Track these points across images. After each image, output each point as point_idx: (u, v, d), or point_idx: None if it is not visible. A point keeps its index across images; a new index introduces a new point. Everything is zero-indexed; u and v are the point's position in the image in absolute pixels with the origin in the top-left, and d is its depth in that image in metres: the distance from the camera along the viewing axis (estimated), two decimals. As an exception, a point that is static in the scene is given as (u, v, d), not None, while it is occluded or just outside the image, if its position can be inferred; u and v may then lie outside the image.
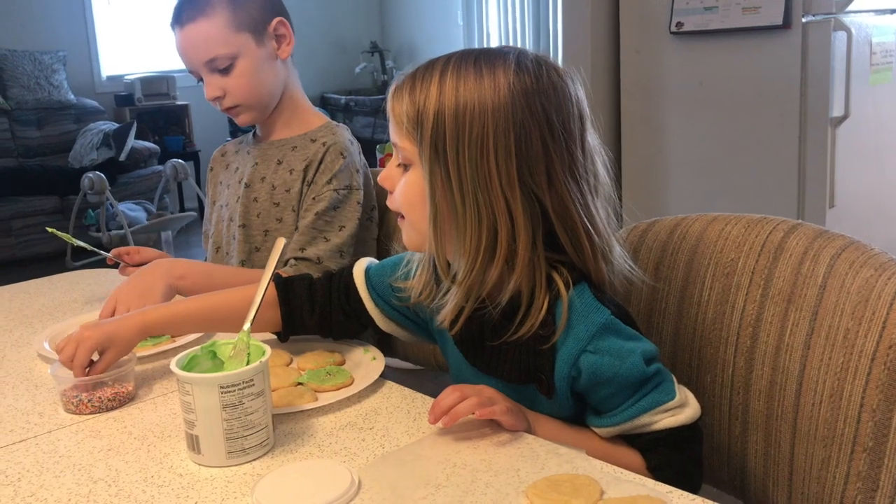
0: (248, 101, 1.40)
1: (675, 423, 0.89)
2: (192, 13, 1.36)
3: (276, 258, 1.04)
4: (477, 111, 0.85)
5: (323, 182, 1.38)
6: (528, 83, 0.86)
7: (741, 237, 1.01)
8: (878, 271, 0.87)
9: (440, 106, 0.86)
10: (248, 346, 0.90)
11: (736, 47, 2.82)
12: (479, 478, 0.78)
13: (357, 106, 6.17)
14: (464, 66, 0.87)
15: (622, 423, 0.89)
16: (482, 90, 0.85)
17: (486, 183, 0.85)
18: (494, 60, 0.87)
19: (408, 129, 0.88)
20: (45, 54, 5.31)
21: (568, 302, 0.87)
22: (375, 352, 1.10)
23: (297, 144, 1.44)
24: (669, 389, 0.89)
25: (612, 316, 0.88)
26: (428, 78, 0.88)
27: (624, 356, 0.87)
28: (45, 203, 4.77)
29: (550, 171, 0.87)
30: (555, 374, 0.89)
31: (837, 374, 0.88)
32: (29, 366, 1.14)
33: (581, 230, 0.88)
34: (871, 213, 2.96)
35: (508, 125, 0.85)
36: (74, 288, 1.52)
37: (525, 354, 0.91)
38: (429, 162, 0.87)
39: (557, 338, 0.87)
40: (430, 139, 0.87)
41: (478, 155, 0.85)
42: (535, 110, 0.86)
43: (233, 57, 1.36)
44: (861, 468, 0.85)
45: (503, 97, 0.85)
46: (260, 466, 0.84)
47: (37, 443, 0.91)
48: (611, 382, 0.87)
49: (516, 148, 0.85)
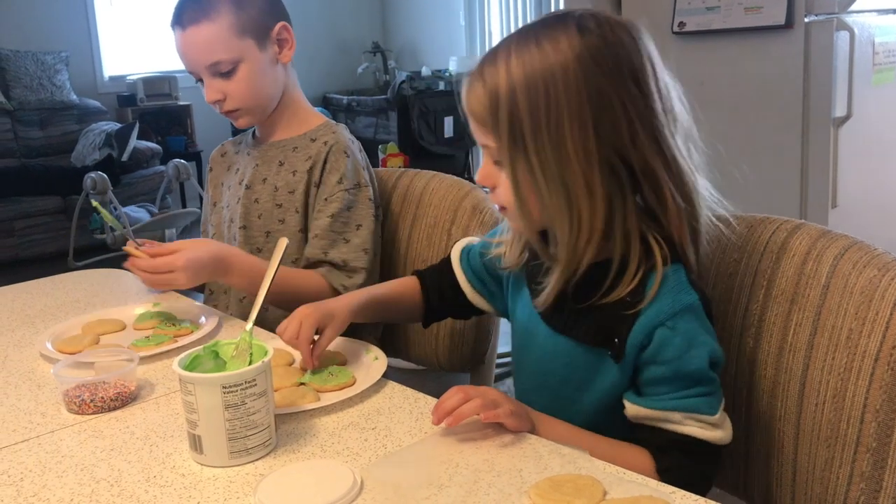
0: (248, 104, 1.40)
1: (700, 435, 0.87)
2: (195, 15, 1.34)
3: (279, 258, 1.05)
4: (545, 81, 0.85)
5: (333, 182, 1.37)
6: (594, 43, 0.87)
7: (744, 237, 1.01)
8: (881, 271, 0.87)
9: (510, 84, 0.87)
10: (251, 346, 0.90)
11: (738, 47, 2.82)
12: (481, 478, 0.78)
13: (359, 106, 6.17)
14: (524, 40, 0.88)
15: (656, 410, 0.88)
16: (546, 59, 0.86)
17: (566, 164, 0.86)
18: (554, 28, 0.88)
19: (486, 122, 0.90)
20: (48, 55, 5.31)
21: (662, 276, 0.88)
22: (378, 352, 1.09)
23: (298, 145, 1.44)
24: (714, 405, 0.89)
25: (699, 301, 0.89)
26: (493, 62, 0.89)
27: (693, 345, 0.87)
28: (47, 203, 4.77)
29: (632, 131, 0.87)
30: (628, 340, 0.89)
31: (841, 375, 0.88)
32: (31, 366, 1.15)
33: (667, 191, 0.88)
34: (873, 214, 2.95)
35: (581, 91, 0.85)
36: (77, 288, 1.52)
37: (607, 318, 0.90)
38: (509, 152, 0.88)
39: (644, 305, 0.88)
40: (507, 124, 0.87)
41: (555, 134, 0.85)
42: (605, 70, 0.86)
43: (235, 61, 1.35)
44: (864, 469, 0.85)
45: (570, 62, 0.85)
46: (262, 466, 0.84)
47: (39, 443, 0.91)
48: (669, 364, 0.87)
49: (594, 115, 0.85)
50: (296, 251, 1.39)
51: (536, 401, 0.96)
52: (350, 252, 1.35)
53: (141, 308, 1.33)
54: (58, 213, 4.78)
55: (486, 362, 1.45)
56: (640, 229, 0.90)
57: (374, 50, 6.74)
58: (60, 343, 1.18)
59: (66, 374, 1.04)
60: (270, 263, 1.05)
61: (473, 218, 1.38)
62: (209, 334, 1.21)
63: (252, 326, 0.95)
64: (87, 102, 5.48)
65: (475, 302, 1.15)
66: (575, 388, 0.95)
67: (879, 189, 3.01)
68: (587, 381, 0.94)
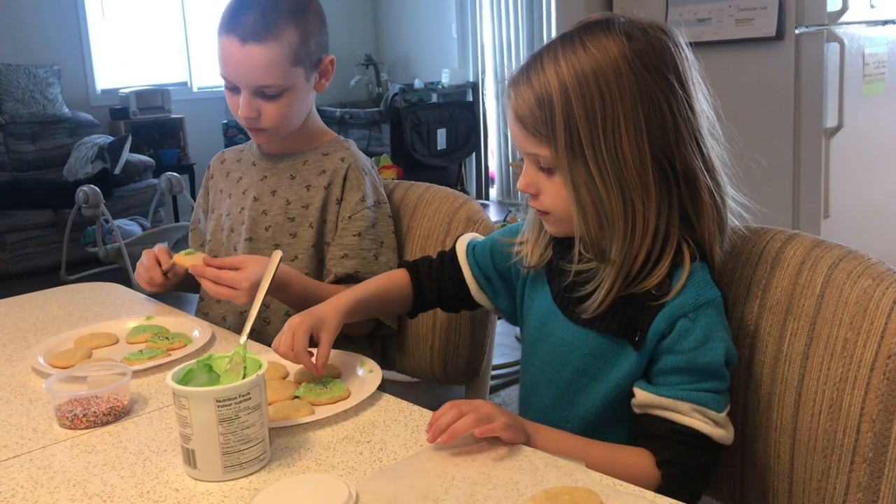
0: (278, 128, 1.37)
1: (704, 429, 0.89)
2: (261, 31, 1.28)
3: (273, 271, 1.04)
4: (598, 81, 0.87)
5: (356, 200, 1.37)
6: (642, 47, 0.89)
7: (738, 247, 1.01)
8: (875, 281, 0.87)
9: (562, 86, 0.88)
10: (245, 359, 0.90)
11: (730, 59, 2.84)
12: (477, 491, 0.77)
13: (352, 118, 6.18)
14: (570, 44, 0.90)
15: (665, 397, 0.89)
16: (596, 60, 0.87)
17: (623, 166, 0.88)
18: (598, 32, 0.90)
19: (538, 128, 0.90)
20: (40, 68, 5.31)
21: (689, 271, 0.90)
22: (372, 364, 1.09)
23: (309, 159, 1.43)
24: (722, 403, 0.90)
25: (721, 299, 0.92)
26: (539, 66, 0.90)
27: (711, 339, 0.89)
28: (39, 217, 4.75)
29: (677, 133, 0.90)
30: (651, 328, 0.91)
31: (836, 385, 0.88)
32: (23, 380, 1.14)
33: (704, 191, 0.91)
34: (865, 224, 2.96)
35: (633, 93, 0.87)
36: (69, 302, 1.52)
37: (632, 309, 0.92)
38: (567, 158, 0.89)
39: (670, 297, 0.90)
40: (563, 128, 0.88)
41: (612, 136, 0.87)
42: (653, 73, 0.88)
43: (284, 88, 1.33)
44: (861, 479, 0.85)
45: (620, 64, 0.87)
46: (256, 481, 0.83)
47: (31, 458, 0.90)
48: (685, 354, 0.89)
49: (645, 116, 0.88)
50: (307, 266, 1.37)
51: (546, 392, 0.99)
52: (381, 269, 1.34)
53: (134, 322, 1.32)
54: (50, 227, 4.77)
55: (482, 374, 1.44)
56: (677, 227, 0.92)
57: (367, 62, 6.76)
58: (53, 357, 1.18)
59: (59, 388, 1.03)
60: (266, 275, 1.05)
61: (468, 229, 1.38)
62: (203, 348, 1.20)
63: (246, 340, 0.95)
64: (79, 116, 5.47)
65: (478, 298, 1.15)
66: (591, 379, 0.97)
67: (871, 199, 3.03)
68: (604, 371, 0.95)
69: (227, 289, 1.21)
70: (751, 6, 2.73)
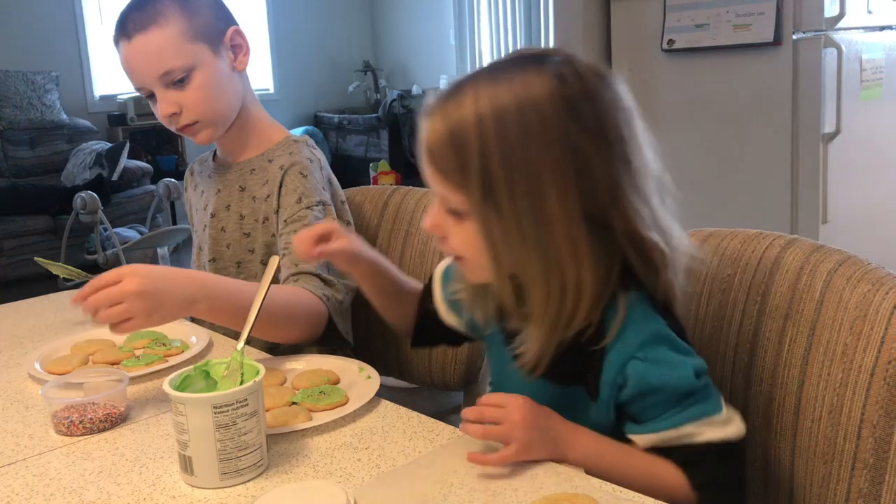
0: (206, 115, 1.31)
1: (719, 436, 0.84)
2: (141, 22, 1.26)
3: (270, 277, 1.03)
4: (519, 120, 0.77)
5: (292, 203, 1.30)
6: (572, 95, 0.79)
7: (737, 253, 1.01)
8: (875, 286, 0.87)
9: (478, 119, 0.78)
10: (242, 365, 0.89)
11: (727, 64, 2.84)
12: (476, 497, 0.77)
13: (350, 125, 6.18)
14: (494, 75, 0.81)
15: (666, 431, 0.84)
16: (518, 97, 0.78)
17: (547, 224, 0.79)
18: (527, 69, 0.80)
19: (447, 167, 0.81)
20: (38, 74, 5.31)
21: (625, 308, 0.83)
22: (370, 370, 1.09)
23: (256, 166, 1.37)
24: (716, 403, 0.85)
25: (666, 327, 0.84)
26: (457, 96, 0.81)
27: (675, 366, 0.83)
28: (37, 223, 4.75)
29: (613, 188, 0.80)
30: (601, 378, 0.85)
31: (836, 390, 0.88)
32: (19, 387, 1.13)
33: (652, 248, 0.82)
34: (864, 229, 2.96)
35: (558, 144, 0.78)
36: (66, 308, 1.51)
37: (575, 355, 0.85)
38: (479, 206, 0.80)
39: (608, 341, 0.83)
40: (477, 170, 0.78)
41: (535, 185, 0.78)
42: (584, 126, 0.79)
43: (189, 69, 1.27)
44: (862, 485, 0.84)
45: (546, 108, 0.78)
46: (254, 487, 0.82)
47: (27, 465, 0.90)
48: (658, 392, 0.83)
49: (575, 175, 0.78)
50: None
51: None
52: (321, 266, 1.26)
53: (131, 328, 1.31)
54: (48, 233, 4.76)
55: (480, 380, 1.44)
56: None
57: (365, 69, 6.77)
58: (49, 364, 1.17)
59: (55, 395, 1.02)
60: (262, 281, 1.04)
61: (466, 235, 1.38)
62: (200, 354, 1.20)
63: (243, 346, 0.94)
64: (77, 122, 5.47)
65: (448, 319, 1.07)
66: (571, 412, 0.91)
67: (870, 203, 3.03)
68: (576, 412, 0.89)
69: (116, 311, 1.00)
70: (748, 12, 2.74)
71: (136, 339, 1.26)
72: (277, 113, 3.41)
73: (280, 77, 6.56)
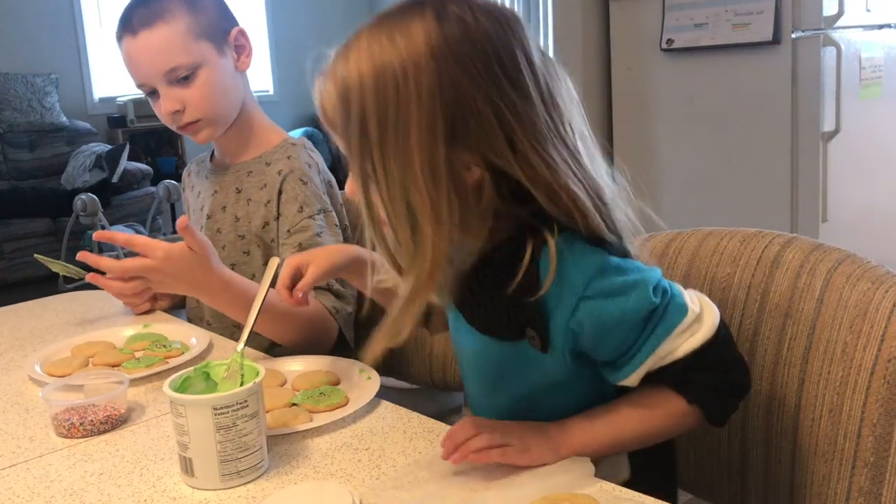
0: (209, 114, 1.31)
1: (696, 343, 0.80)
2: (148, 18, 1.26)
3: (270, 278, 1.03)
4: (395, 78, 0.74)
5: (293, 212, 1.30)
6: (453, 33, 0.75)
7: (737, 252, 1.01)
8: (874, 284, 0.87)
9: (360, 81, 0.75)
10: (242, 367, 0.89)
11: (726, 63, 2.84)
12: (477, 497, 0.77)
13: (350, 125, 6.17)
14: (377, 30, 0.77)
15: (643, 362, 0.80)
16: (398, 53, 0.74)
17: (412, 182, 0.75)
18: (409, 15, 0.76)
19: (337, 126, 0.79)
20: (38, 77, 5.31)
21: (556, 250, 0.77)
22: (370, 371, 1.09)
23: (253, 169, 1.37)
24: (679, 305, 0.80)
25: (607, 255, 0.79)
26: (345, 56, 0.78)
27: (629, 289, 0.78)
28: (37, 225, 4.75)
29: (510, 136, 0.75)
30: (550, 327, 0.80)
31: (837, 389, 0.88)
32: (20, 389, 1.13)
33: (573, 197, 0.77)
34: (864, 227, 2.97)
35: (434, 93, 0.73)
36: (66, 310, 1.51)
37: (515, 308, 0.81)
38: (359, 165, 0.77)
39: (545, 289, 0.78)
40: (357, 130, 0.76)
41: (403, 144, 0.74)
42: (466, 66, 0.74)
43: (194, 66, 1.28)
44: (863, 484, 0.84)
45: (422, 56, 0.74)
46: (254, 489, 0.82)
47: (28, 467, 0.90)
48: (620, 324, 0.78)
49: (449, 123, 0.74)
50: None
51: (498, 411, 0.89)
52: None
53: (131, 330, 1.31)
54: (48, 236, 4.77)
55: (480, 380, 1.44)
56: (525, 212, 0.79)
57: (364, 70, 6.76)
58: (50, 366, 1.17)
59: (55, 397, 1.03)
60: (262, 283, 1.04)
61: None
62: (200, 355, 1.20)
63: (243, 347, 0.94)
64: (77, 124, 5.47)
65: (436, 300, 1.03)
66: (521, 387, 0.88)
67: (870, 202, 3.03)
68: (529, 367, 0.85)
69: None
70: (747, 11, 2.74)
71: (137, 341, 1.26)
72: (277, 114, 3.41)
73: (279, 78, 6.56)
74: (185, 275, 1.13)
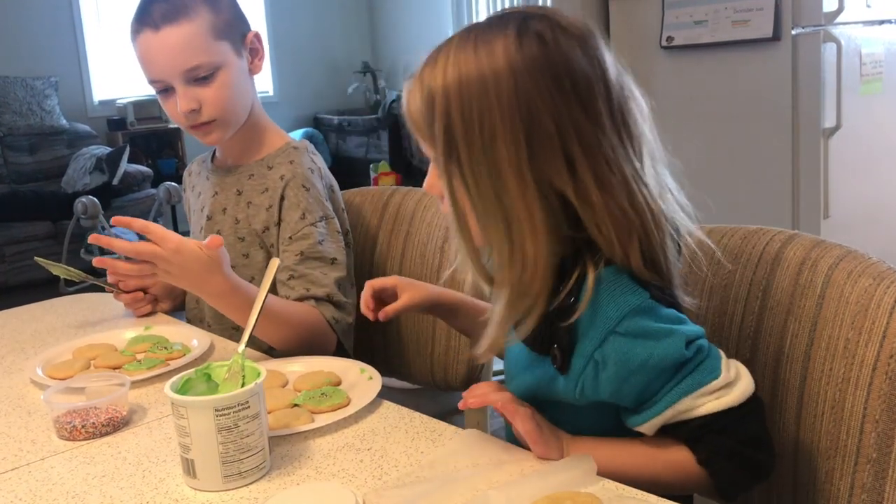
0: (224, 115, 1.30)
1: (719, 406, 0.80)
2: (171, 14, 1.24)
3: (270, 280, 1.03)
4: (479, 88, 0.79)
5: (295, 219, 1.29)
6: (533, 55, 0.79)
7: (738, 248, 1.01)
8: (876, 280, 0.87)
9: (445, 88, 0.80)
10: (243, 368, 0.89)
11: (727, 60, 2.84)
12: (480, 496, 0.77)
13: (350, 126, 6.18)
14: (463, 42, 0.82)
15: (661, 412, 0.81)
16: (480, 66, 0.79)
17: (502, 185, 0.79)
18: (493, 32, 0.81)
19: (422, 128, 0.84)
20: (37, 80, 5.31)
21: (595, 280, 0.79)
22: (372, 371, 1.08)
23: (254, 172, 1.36)
24: (713, 367, 0.81)
25: (649, 299, 0.80)
26: (433, 63, 0.83)
27: (660, 337, 0.79)
28: (37, 229, 4.75)
29: (570, 159, 0.79)
30: (575, 351, 0.82)
31: (839, 385, 0.87)
32: (22, 392, 1.13)
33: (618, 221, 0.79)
34: (865, 223, 2.96)
35: (513, 109, 0.78)
36: (68, 313, 1.51)
37: (550, 327, 0.83)
38: (444, 162, 0.82)
39: (578, 315, 0.80)
40: (442, 131, 0.81)
41: (490, 150, 0.79)
42: (541, 87, 0.78)
43: (215, 67, 1.27)
44: (866, 480, 0.84)
45: (503, 73, 0.78)
46: (256, 490, 0.82)
47: (30, 470, 0.90)
48: (644, 368, 0.79)
49: (526, 138, 0.78)
50: None
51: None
52: (332, 287, 1.27)
53: (132, 332, 1.31)
54: (48, 239, 4.76)
55: (482, 381, 1.44)
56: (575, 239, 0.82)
57: (364, 70, 6.76)
58: (51, 368, 1.17)
59: (57, 399, 1.03)
60: (262, 285, 1.04)
61: (466, 235, 1.38)
62: (201, 357, 1.20)
63: (244, 348, 0.94)
64: (77, 127, 5.47)
65: None
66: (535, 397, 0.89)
67: (871, 198, 3.02)
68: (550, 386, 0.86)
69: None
70: (747, 7, 2.74)
71: (138, 343, 1.26)
72: (277, 115, 3.41)
73: (279, 79, 6.56)
74: (191, 271, 1.13)
